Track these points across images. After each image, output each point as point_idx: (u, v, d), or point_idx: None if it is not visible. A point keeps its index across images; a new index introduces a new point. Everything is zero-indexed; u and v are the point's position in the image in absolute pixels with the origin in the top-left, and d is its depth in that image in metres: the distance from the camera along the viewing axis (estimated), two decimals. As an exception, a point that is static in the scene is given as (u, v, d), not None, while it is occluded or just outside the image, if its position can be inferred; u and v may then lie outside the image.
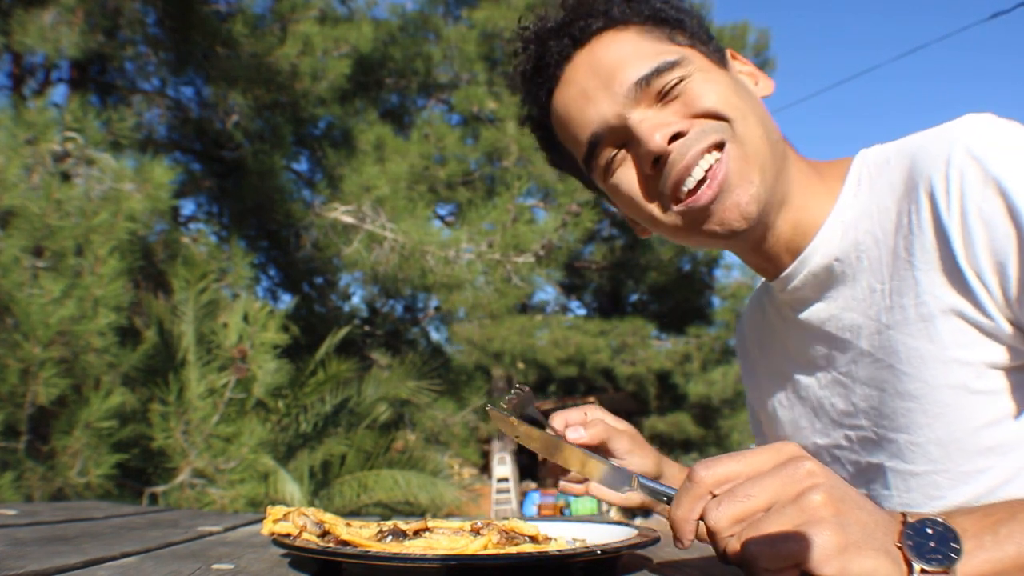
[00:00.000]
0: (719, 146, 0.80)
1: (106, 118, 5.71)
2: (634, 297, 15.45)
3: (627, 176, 0.86)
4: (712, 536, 0.53)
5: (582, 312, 15.79)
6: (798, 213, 0.86)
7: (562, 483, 0.96)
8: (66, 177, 4.96)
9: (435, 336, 11.63)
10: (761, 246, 0.89)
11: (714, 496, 0.54)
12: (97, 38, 6.02)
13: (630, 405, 15.58)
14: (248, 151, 7.46)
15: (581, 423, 0.93)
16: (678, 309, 14.39)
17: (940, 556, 0.49)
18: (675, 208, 0.83)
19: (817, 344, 0.91)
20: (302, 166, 9.19)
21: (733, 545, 0.52)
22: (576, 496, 0.97)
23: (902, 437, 0.82)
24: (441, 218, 11.49)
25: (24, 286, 4.06)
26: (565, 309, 15.73)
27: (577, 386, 15.46)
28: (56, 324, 3.94)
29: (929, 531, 0.50)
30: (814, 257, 0.86)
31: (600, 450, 0.93)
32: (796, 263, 0.88)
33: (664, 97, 0.82)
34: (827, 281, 0.87)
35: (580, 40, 0.87)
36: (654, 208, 0.85)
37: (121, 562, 0.64)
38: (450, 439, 8.42)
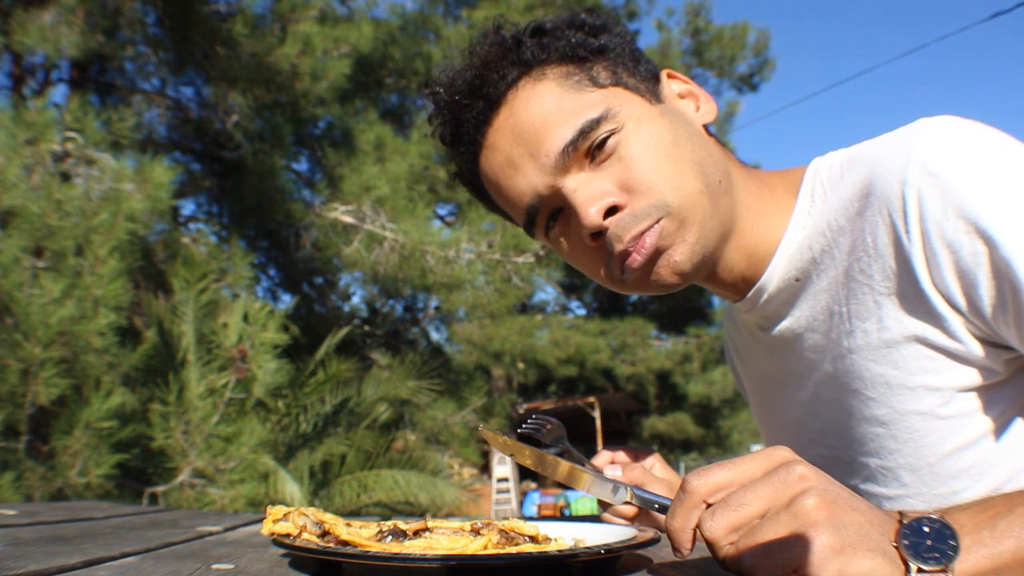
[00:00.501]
0: (655, 223, 0.78)
1: (106, 118, 5.72)
2: (634, 297, 15.45)
3: (569, 244, 0.84)
4: (709, 545, 0.53)
5: (582, 312, 15.81)
6: (749, 239, 0.83)
7: (605, 515, 0.94)
8: (66, 177, 4.97)
9: (435, 336, 11.64)
10: (715, 278, 0.87)
11: (709, 505, 0.54)
12: (97, 38, 6.02)
13: (630, 405, 15.59)
14: (248, 151, 7.47)
15: (624, 463, 0.92)
16: (678, 309, 14.39)
17: (937, 554, 0.49)
18: (617, 275, 0.82)
19: (786, 363, 0.89)
20: (302, 166, 9.21)
21: (732, 557, 0.52)
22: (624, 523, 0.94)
23: (872, 461, 0.81)
24: (441, 218, 11.50)
25: (24, 286, 4.06)
26: (565, 309, 15.74)
27: (577, 386, 15.46)
28: (56, 324, 3.95)
29: (926, 529, 0.50)
30: (773, 280, 0.84)
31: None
32: (756, 287, 0.85)
33: (595, 156, 0.79)
34: (789, 299, 0.84)
35: (495, 100, 0.82)
36: (599, 273, 0.84)
37: (121, 562, 0.64)
38: (450, 439, 8.42)
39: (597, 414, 14.41)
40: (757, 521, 0.51)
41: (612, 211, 0.78)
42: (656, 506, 0.67)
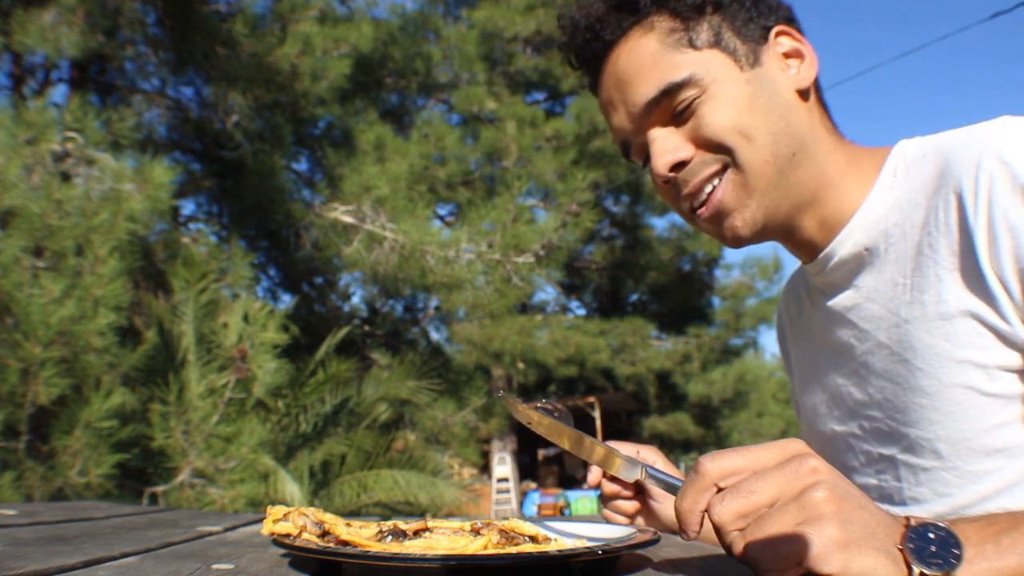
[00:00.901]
0: (720, 172, 0.85)
1: (106, 118, 5.71)
2: (634, 297, 15.46)
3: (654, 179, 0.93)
4: (716, 530, 0.54)
5: (582, 312, 15.80)
6: (826, 208, 0.89)
7: (605, 512, 0.99)
8: (66, 177, 4.97)
9: (435, 336, 11.65)
10: (790, 238, 0.93)
11: (719, 489, 0.54)
12: (97, 38, 6.02)
13: (630, 405, 15.59)
14: (248, 151, 7.46)
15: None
16: (678, 309, 14.39)
17: (940, 561, 0.49)
18: (688, 214, 0.90)
19: (839, 332, 0.93)
20: (302, 166, 9.21)
21: (737, 544, 0.52)
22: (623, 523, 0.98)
23: (913, 432, 0.83)
24: (441, 218, 11.52)
25: (24, 286, 4.06)
26: (565, 309, 15.74)
27: (577, 386, 15.46)
28: (56, 324, 3.94)
29: (931, 535, 0.50)
30: (845, 244, 0.88)
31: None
32: (828, 249, 0.90)
33: (680, 115, 0.86)
34: (856, 269, 0.89)
35: (610, 43, 0.91)
36: (677, 208, 0.92)
37: (121, 562, 0.64)
38: (450, 439, 8.42)
39: (597, 414, 14.41)
40: (765, 510, 0.52)
41: (681, 165, 0.86)
42: (670, 488, 0.67)
